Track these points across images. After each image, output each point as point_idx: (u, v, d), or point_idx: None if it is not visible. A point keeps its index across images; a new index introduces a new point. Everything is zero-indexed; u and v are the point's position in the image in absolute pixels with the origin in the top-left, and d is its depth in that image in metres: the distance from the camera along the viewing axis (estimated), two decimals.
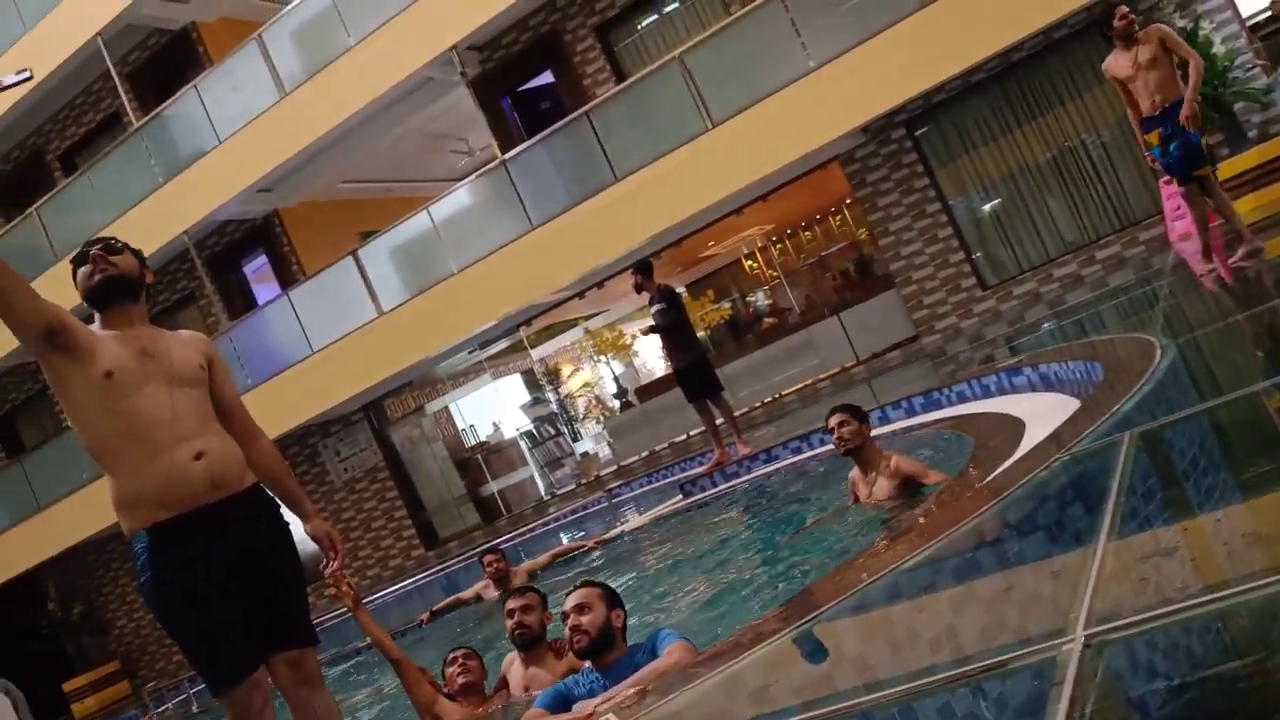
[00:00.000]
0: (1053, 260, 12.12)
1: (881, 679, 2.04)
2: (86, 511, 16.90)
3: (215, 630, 2.71)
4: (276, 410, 15.49)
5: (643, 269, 9.34)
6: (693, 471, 11.02)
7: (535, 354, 17.33)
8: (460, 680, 4.49)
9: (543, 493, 16.78)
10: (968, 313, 12.51)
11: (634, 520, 9.37)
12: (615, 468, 15.75)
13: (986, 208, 12.66)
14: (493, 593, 8.19)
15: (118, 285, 2.91)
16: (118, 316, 2.90)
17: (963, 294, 12.55)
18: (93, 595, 19.91)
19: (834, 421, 5.10)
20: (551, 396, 17.70)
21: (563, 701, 3.32)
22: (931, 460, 5.85)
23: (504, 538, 13.86)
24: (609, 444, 16.43)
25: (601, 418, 18.15)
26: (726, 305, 17.99)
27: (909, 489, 4.93)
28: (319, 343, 15.31)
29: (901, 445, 6.92)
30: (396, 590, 13.71)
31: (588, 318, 17.62)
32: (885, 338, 13.63)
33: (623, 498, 12.66)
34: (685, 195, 12.56)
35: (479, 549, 13.75)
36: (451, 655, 4.61)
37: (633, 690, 3.04)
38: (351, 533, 17.43)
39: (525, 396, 18.66)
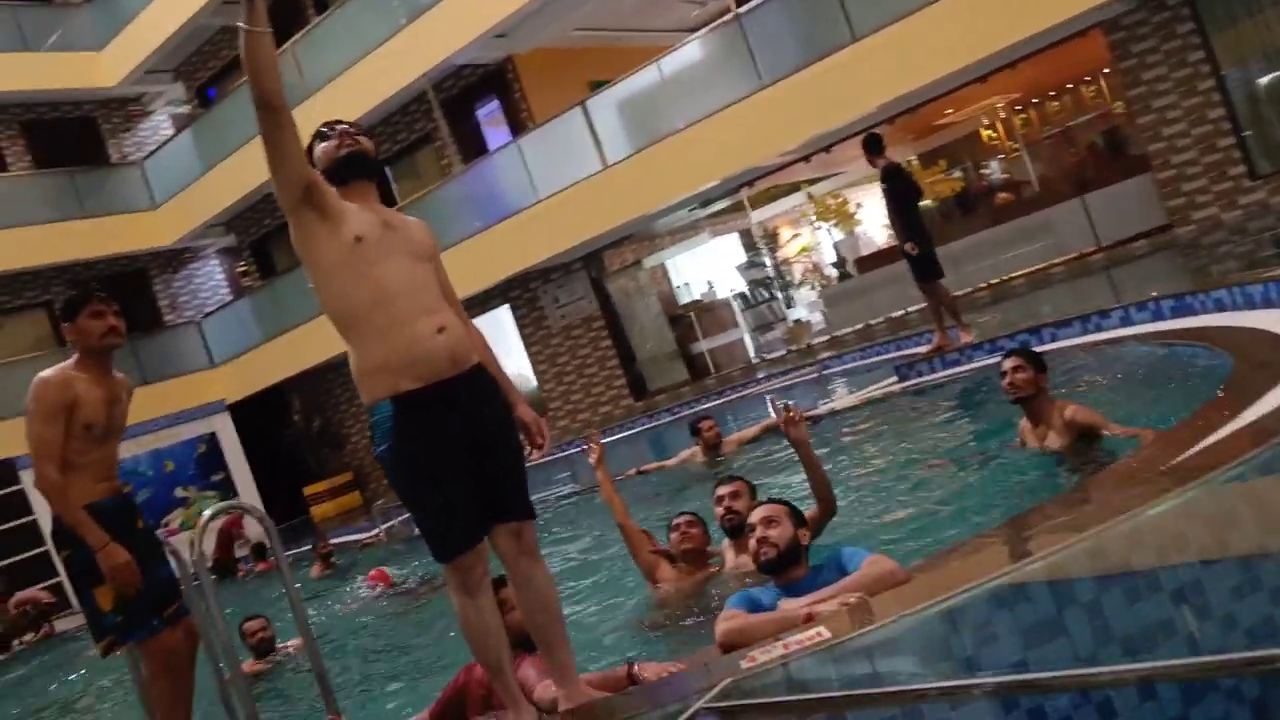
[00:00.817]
0: None
1: (1130, 648, 1.94)
2: (326, 335, 18.15)
3: (447, 504, 2.85)
4: (501, 255, 16.04)
5: (871, 145, 8.94)
6: (910, 351, 10.76)
7: (754, 216, 17.10)
8: (682, 546, 4.61)
9: (752, 355, 16.83)
10: (1231, 204, 11.44)
11: (844, 399, 9.25)
12: (828, 337, 15.56)
13: (1266, 81, 11.36)
14: (700, 459, 8.34)
15: (362, 160, 2.99)
16: (355, 193, 2.96)
17: (1229, 183, 11.45)
18: (330, 411, 21.61)
19: (1007, 365, 4.77)
20: (768, 260, 17.50)
21: (753, 605, 3.29)
22: (1174, 380, 5.45)
23: (710, 399, 14.03)
24: (823, 313, 16.20)
25: (817, 284, 17.86)
26: (958, 175, 17.09)
27: (1086, 441, 4.57)
28: (544, 191, 15.59)
29: (1134, 357, 6.49)
30: (605, 440, 14.18)
31: (811, 182, 17.18)
32: (1132, 225, 12.68)
33: (833, 370, 12.53)
34: (926, 60, 11.85)
35: (688, 405, 14.03)
36: (675, 521, 4.72)
37: (841, 598, 3.01)
38: (565, 377, 18.11)
39: (741, 257, 18.53)
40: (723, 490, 4.49)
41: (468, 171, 17.09)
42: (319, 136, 3.03)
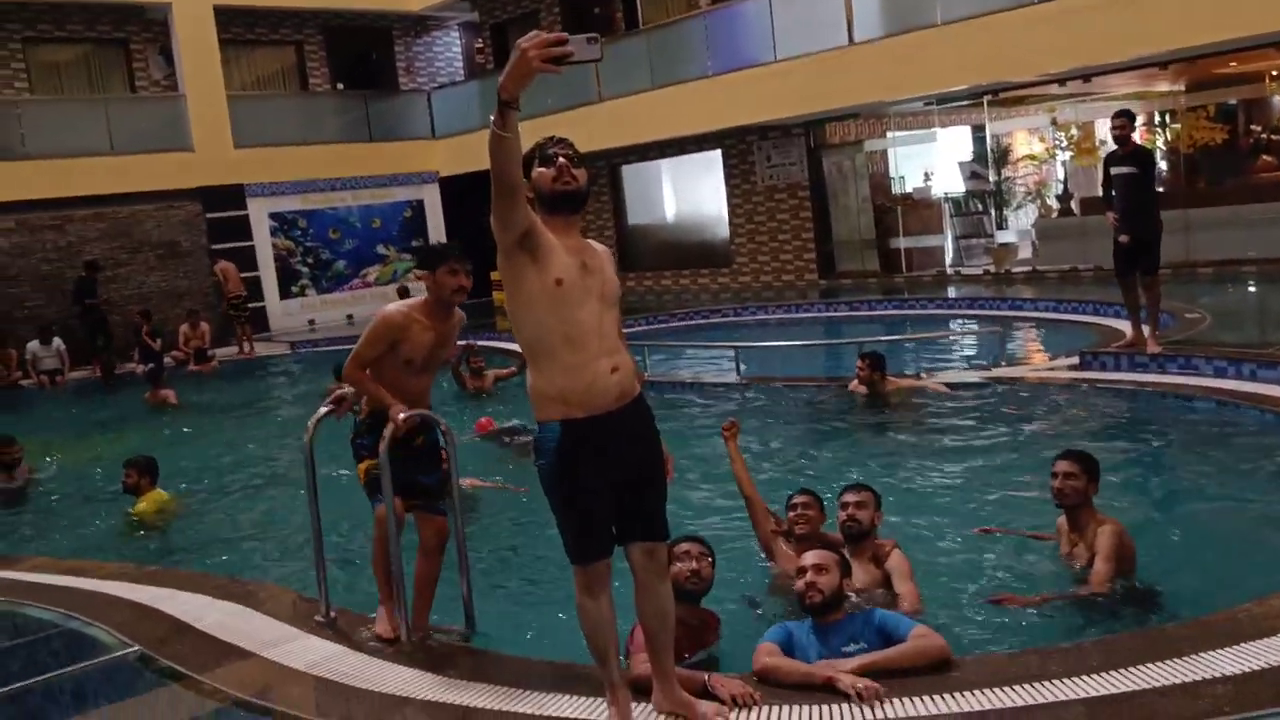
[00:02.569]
0: None
1: None
2: (548, 132, 18.52)
3: (592, 520, 3.24)
4: (725, 104, 15.88)
5: (1131, 118, 8.45)
6: (1108, 322, 10.43)
7: (990, 125, 16.36)
8: (797, 527, 4.82)
9: (948, 264, 16.50)
10: None
11: (1020, 369, 9.07)
12: (1030, 269, 15.10)
13: None
14: (860, 391, 8.49)
15: (576, 200, 3.19)
16: (561, 223, 3.16)
17: None
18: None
19: (1060, 467, 4.60)
20: (991, 173, 16.78)
21: (787, 641, 3.68)
22: None
23: (891, 304, 13.96)
24: (1033, 243, 15.63)
25: (1036, 206, 17.08)
26: (1223, 129, 15.78)
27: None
28: (783, 52, 15.23)
29: None
30: (775, 316, 14.38)
31: (1060, 99, 16.17)
32: None
33: (1024, 314, 12.27)
34: (1240, 14, 10.83)
35: (868, 304, 14.04)
36: (793, 500, 4.86)
37: (881, 661, 3.43)
38: (758, 235, 18.21)
39: (965, 158, 17.80)
40: (849, 498, 4.64)
41: (713, 13, 16.80)
42: (540, 156, 3.17)
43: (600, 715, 3.43)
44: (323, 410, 4.47)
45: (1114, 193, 8.53)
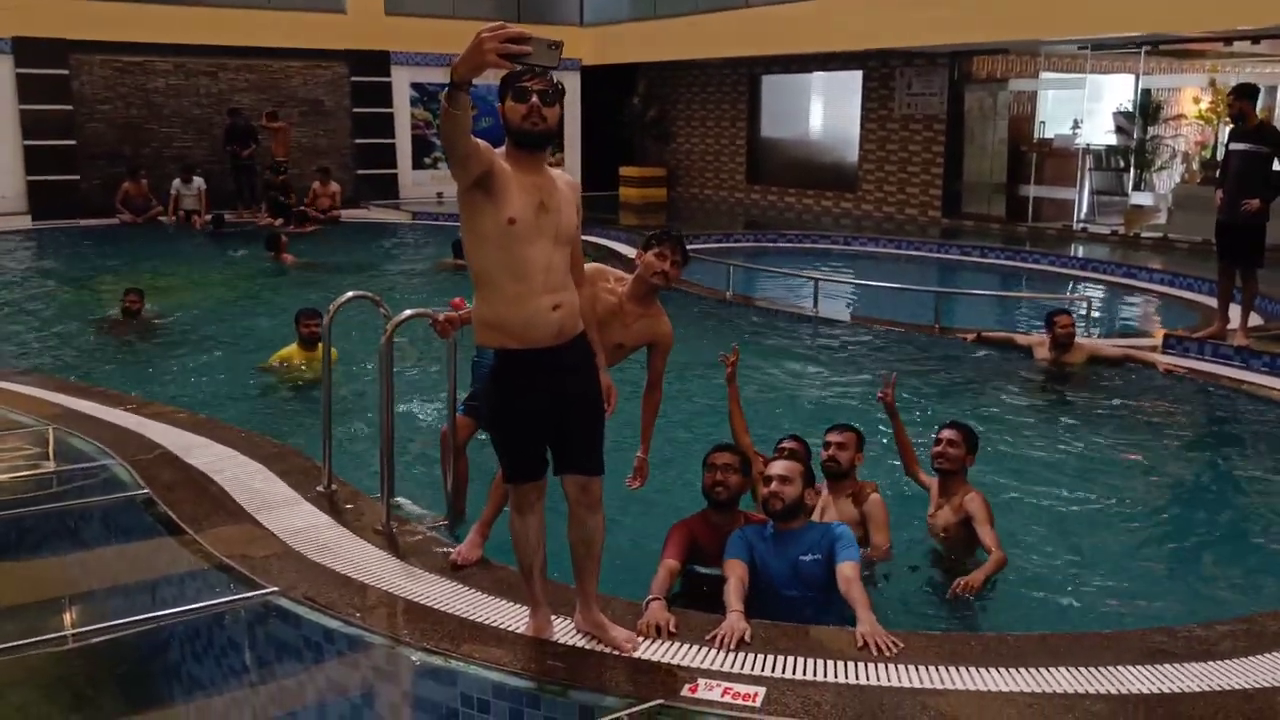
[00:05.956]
0: None
1: None
2: (693, 36, 18.30)
3: (525, 443, 3.45)
4: (871, 23, 15.30)
5: (1249, 95, 7.89)
6: (1211, 300, 9.95)
7: (1144, 80, 15.37)
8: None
9: (1076, 219, 15.79)
10: None
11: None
12: (1161, 236, 14.36)
13: None
14: (1046, 353, 8.09)
15: (542, 139, 3.28)
16: (526, 156, 3.28)
17: None
18: (669, 106, 22.20)
19: (945, 434, 4.81)
20: (1136, 129, 15.78)
21: (747, 548, 4.01)
22: None
23: (1007, 254, 13.54)
24: (1168, 209, 14.79)
25: (1181, 166, 16.06)
26: None
27: (968, 533, 4.60)
28: None
29: None
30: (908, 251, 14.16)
31: (1225, 58, 15.04)
32: None
33: (1136, 283, 11.79)
34: None
35: (982, 251, 13.65)
36: (780, 445, 4.86)
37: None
38: (886, 165, 17.76)
39: (1114, 108, 16.80)
40: (833, 436, 4.79)
41: None
42: (514, 90, 3.22)
43: (521, 624, 3.67)
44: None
45: (1225, 166, 8.07)
